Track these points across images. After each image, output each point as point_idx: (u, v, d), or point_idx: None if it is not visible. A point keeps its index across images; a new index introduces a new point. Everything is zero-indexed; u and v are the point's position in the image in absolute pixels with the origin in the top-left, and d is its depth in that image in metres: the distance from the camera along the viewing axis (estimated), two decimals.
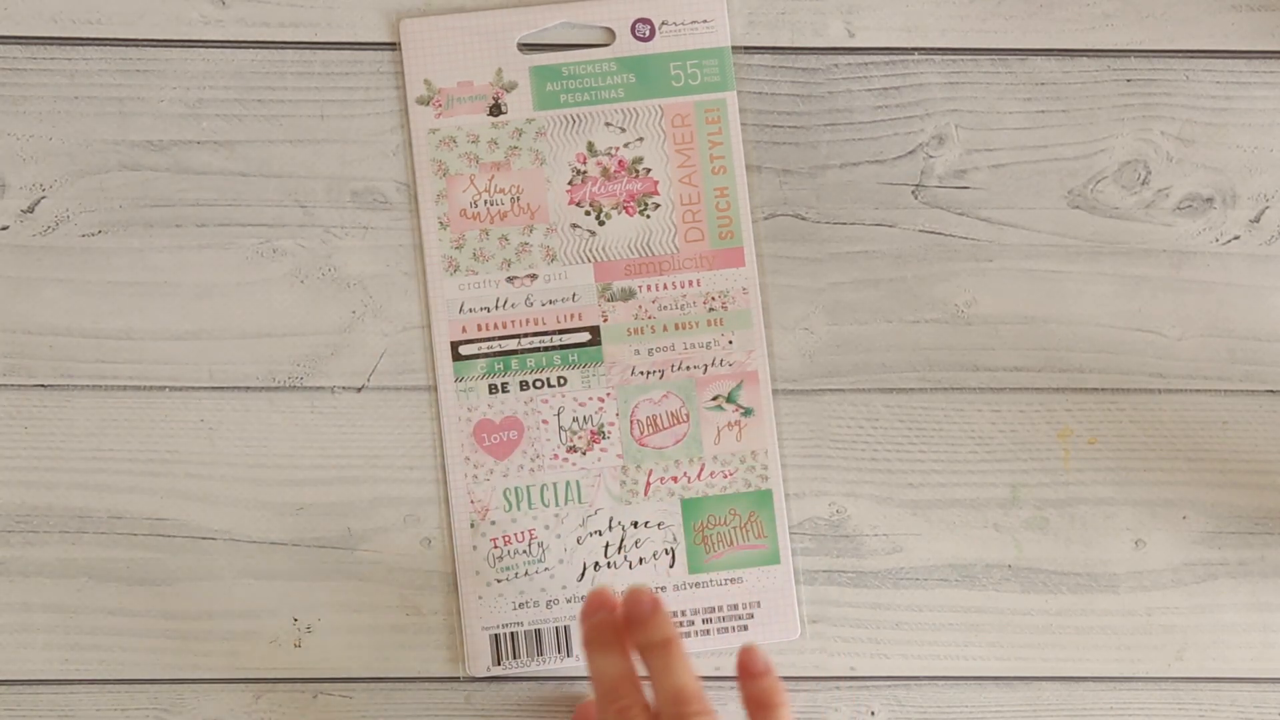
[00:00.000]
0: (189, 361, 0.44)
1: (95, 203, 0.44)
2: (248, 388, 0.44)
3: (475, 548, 0.42)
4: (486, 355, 0.42)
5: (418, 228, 0.43)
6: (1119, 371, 0.45)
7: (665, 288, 0.43)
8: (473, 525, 0.42)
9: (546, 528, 0.42)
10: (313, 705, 0.44)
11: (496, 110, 0.42)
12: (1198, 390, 0.45)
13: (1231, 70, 0.45)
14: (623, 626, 0.37)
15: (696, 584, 0.43)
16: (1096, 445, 0.45)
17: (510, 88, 0.42)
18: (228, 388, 0.44)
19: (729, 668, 0.44)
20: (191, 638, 0.44)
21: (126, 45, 0.44)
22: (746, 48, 0.45)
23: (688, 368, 0.43)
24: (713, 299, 0.43)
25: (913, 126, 0.45)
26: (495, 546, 0.42)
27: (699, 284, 0.43)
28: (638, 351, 0.43)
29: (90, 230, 0.44)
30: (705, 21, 0.43)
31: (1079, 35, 0.45)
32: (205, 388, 0.44)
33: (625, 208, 0.43)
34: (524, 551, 0.42)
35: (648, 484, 0.42)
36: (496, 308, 0.42)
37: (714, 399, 0.43)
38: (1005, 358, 0.45)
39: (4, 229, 0.44)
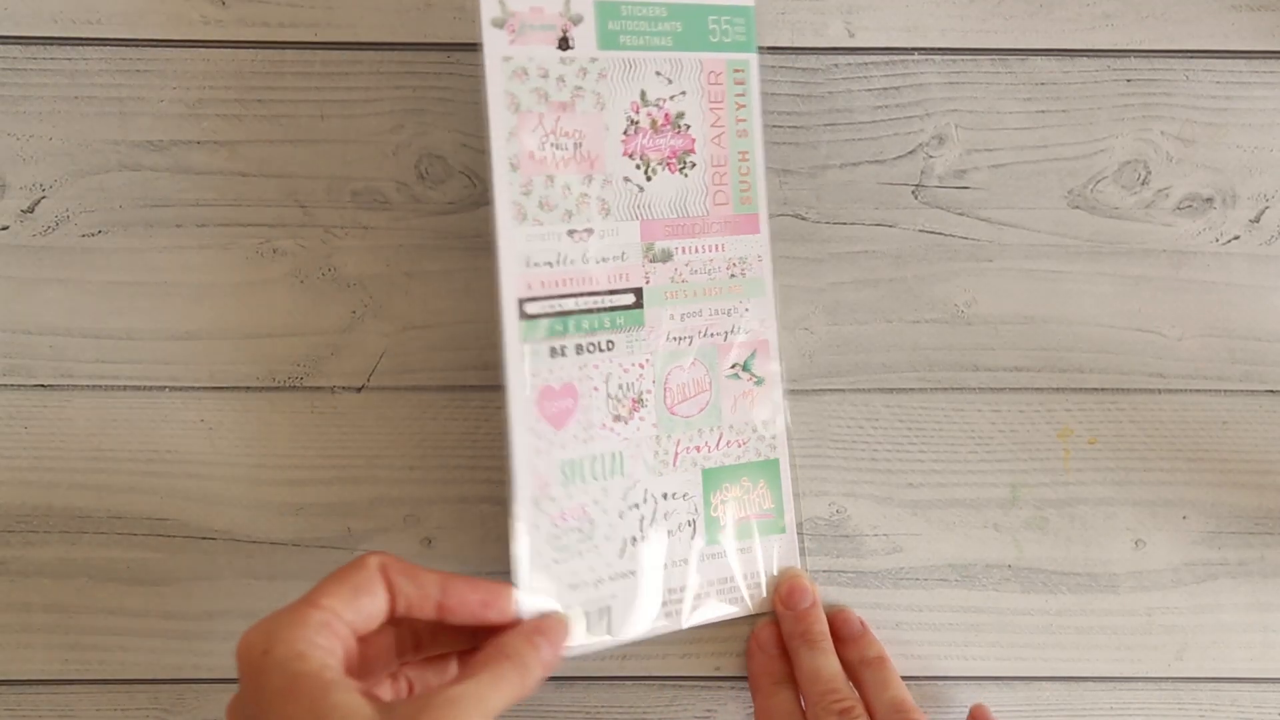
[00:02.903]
0: (189, 361, 0.44)
1: (95, 203, 0.44)
2: (248, 388, 0.44)
3: (538, 527, 0.39)
4: (549, 315, 0.40)
5: (487, 166, 0.40)
6: (1119, 371, 0.45)
7: (697, 250, 0.42)
8: (535, 503, 0.39)
9: (596, 502, 0.40)
10: None
11: (565, 44, 0.40)
12: (1198, 390, 0.45)
13: (1231, 70, 0.45)
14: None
15: (713, 555, 0.42)
16: (1096, 445, 0.45)
17: (577, 21, 0.40)
18: (228, 388, 0.44)
19: (729, 667, 0.45)
20: (191, 638, 0.44)
21: (126, 45, 0.44)
22: None
23: (711, 334, 0.42)
24: (734, 265, 0.42)
25: (913, 126, 0.45)
26: (555, 525, 0.39)
27: (723, 249, 0.42)
28: (673, 316, 0.42)
29: (90, 230, 0.44)
30: None
31: (1079, 35, 0.45)
32: (205, 388, 0.44)
33: (669, 164, 0.42)
34: (578, 529, 0.40)
35: (676, 454, 0.42)
36: (558, 263, 0.40)
37: (732, 367, 0.43)
38: (1005, 358, 0.45)
39: (4, 229, 0.44)
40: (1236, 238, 0.45)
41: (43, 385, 0.44)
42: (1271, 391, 0.45)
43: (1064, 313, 0.45)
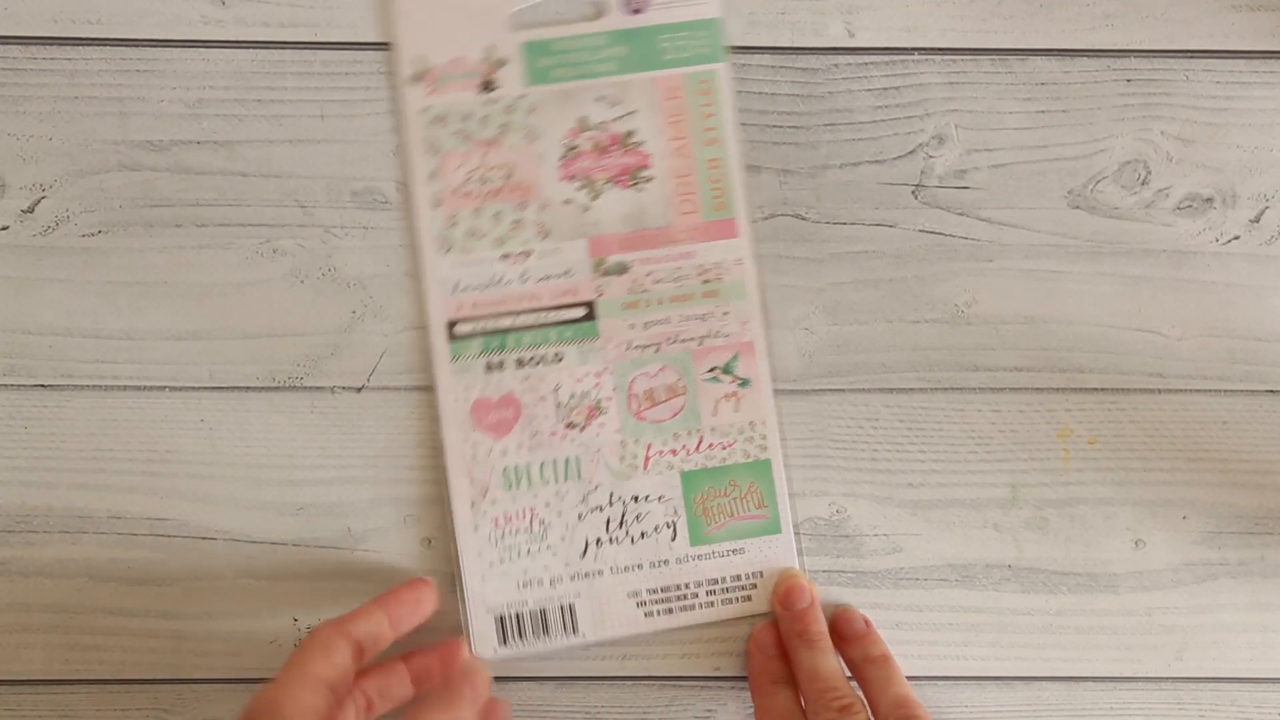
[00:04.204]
0: (189, 361, 0.44)
1: (95, 203, 0.44)
2: (248, 388, 0.44)
3: (477, 528, 0.42)
4: (482, 334, 0.42)
5: (409, 207, 0.43)
6: (1119, 371, 0.45)
7: (659, 261, 0.43)
8: (473, 505, 0.42)
9: (547, 505, 0.42)
10: None
11: (488, 87, 0.42)
12: (1198, 390, 0.45)
13: (1231, 70, 0.45)
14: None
15: (699, 556, 0.43)
16: (1096, 445, 0.45)
17: (501, 64, 0.42)
18: (228, 388, 0.44)
19: (729, 667, 0.45)
20: (191, 638, 0.44)
21: (126, 45, 0.44)
22: (746, 48, 0.45)
23: (684, 340, 0.43)
24: (707, 270, 0.43)
25: (913, 126, 0.45)
26: (496, 526, 0.42)
27: (693, 256, 0.43)
28: (633, 326, 0.42)
29: (90, 230, 0.44)
30: None
31: (1079, 35, 0.45)
32: (205, 388, 0.44)
33: (618, 181, 0.43)
34: (525, 530, 0.42)
35: (647, 457, 0.42)
36: (491, 285, 0.42)
37: (710, 371, 0.43)
38: (1005, 358, 0.45)
39: (4, 229, 0.44)
40: (1236, 238, 0.45)
41: (43, 385, 0.44)
42: (1271, 391, 0.45)
43: (1064, 313, 0.45)
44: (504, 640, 0.42)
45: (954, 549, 0.45)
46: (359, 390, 0.44)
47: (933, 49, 0.45)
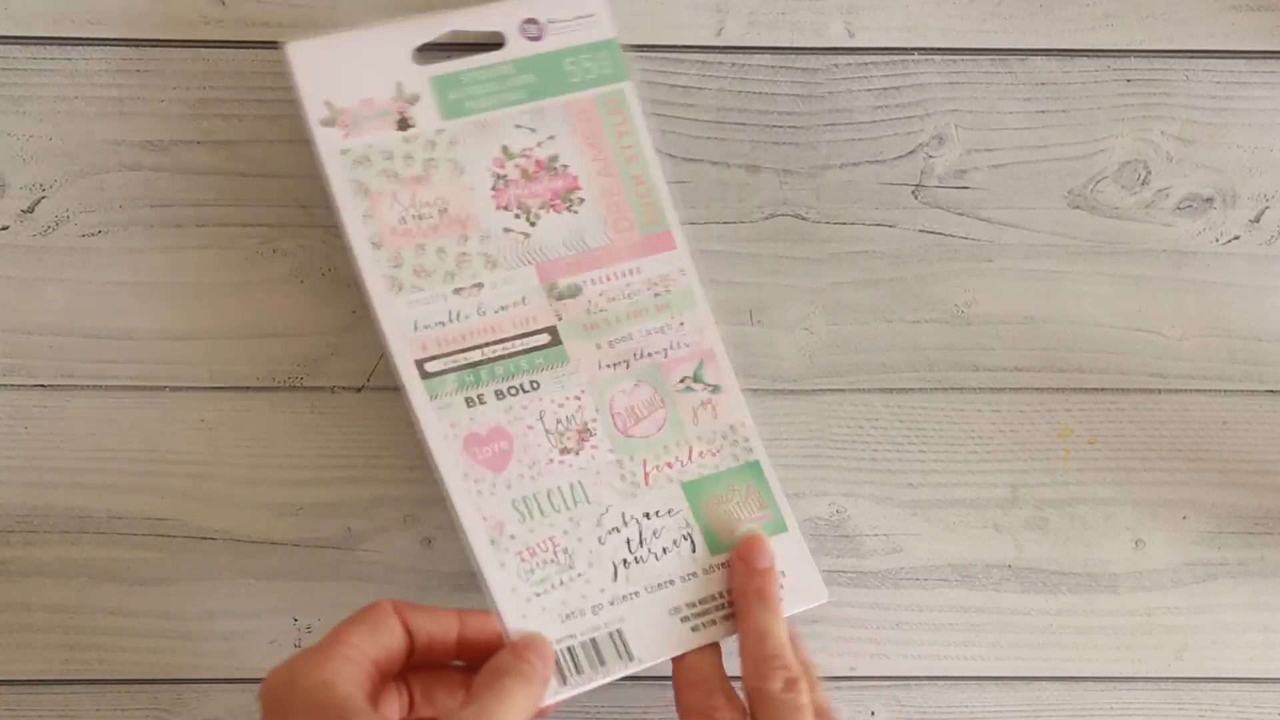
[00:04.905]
0: (189, 361, 0.44)
1: (95, 203, 0.44)
2: (248, 388, 0.44)
3: (504, 565, 0.40)
4: (454, 369, 0.41)
5: (349, 252, 0.41)
6: (1119, 371, 0.45)
7: (608, 279, 0.42)
8: (493, 542, 0.40)
9: (565, 533, 0.41)
10: None
11: (404, 124, 0.41)
12: (1198, 390, 0.45)
13: (1231, 70, 0.45)
14: None
15: (723, 564, 0.42)
16: (1096, 445, 0.45)
17: (413, 100, 0.41)
18: (228, 388, 0.44)
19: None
20: (191, 638, 0.44)
21: (126, 45, 0.44)
22: (746, 48, 0.45)
23: (650, 354, 0.43)
24: (655, 284, 0.43)
25: (913, 126, 0.45)
26: (523, 561, 0.40)
27: (639, 271, 0.43)
28: (599, 346, 0.42)
29: (90, 230, 0.44)
30: (588, 16, 0.43)
31: (1079, 35, 0.45)
32: (205, 388, 0.44)
33: (552, 206, 0.42)
34: (552, 560, 0.40)
35: (646, 473, 0.42)
36: (451, 321, 0.41)
37: (682, 381, 0.43)
38: (1005, 358, 0.45)
39: (4, 229, 0.44)
40: (1236, 238, 0.45)
41: (43, 385, 0.44)
42: (1271, 391, 0.45)
43: (1064, 313, 0.45)
44: (564, 680, 0.39)
45: (954, 549, 0.45)
46: (359, 390, 0.44)
47: (933, 49, 0.45)
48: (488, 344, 0.41)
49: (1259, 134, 0.45)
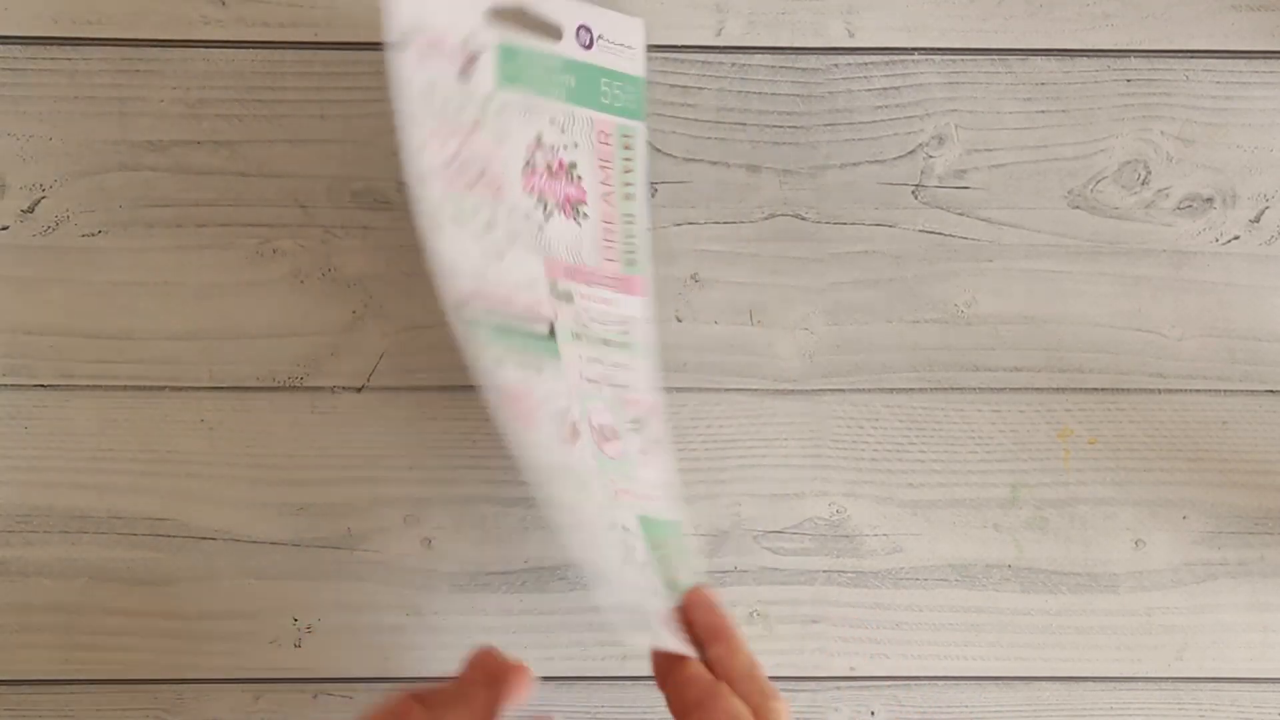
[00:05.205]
0: (189, 361, 0.44)
1: (95, 203, 0.44)
2: (248, 388, 0.44)
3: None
4: (484, 323, 0.38)
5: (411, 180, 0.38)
6: (1119, 371, 0.45)
7: (591, 300, 0.42)
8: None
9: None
10: (313, 705, 0.44)
11: (466, 74, 0.41)
12: (1198, 390, 0.45)
13: (1231, 70, 0.45)
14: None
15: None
16: (1096, 445, 0.45)
17: (477, 55, 0.41)
18: (228, 388, 0.44)
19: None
20: (191, 638, 0.44)
21: (126, 45, 0.44)
22: (746, 48, 0.45)
23: (614, 384, 0.42)
24: (624, 323, 0.43)
25: (913, 126, 0.45)
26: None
27: (613, 304, 0.43)
28: (582, 357, 0.41)
29: (90, 230, 0.44)
30: (629, 48, 0.43)
31: (1079, 35, 0.45)
32: (205, 388, 0.44)
33: (564, 209, 0.42)
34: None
35: (616, 491, 0.40)
36: (478, 276, 0.39)
37: (633, 421, 0.42)
38: (1005, 358, 0.45)
39: (4, 229, 0.44)
40: (1236, 238, 0.45)
41: (43, 385, 0.44)
42: (1271, 391, 0.45)
43: (1064, 313, 0.45)
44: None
45: (954, 549, 0.45)
46: (359, 390, 0.44)
47: (933, 49, 0.45)
48: (509, 312, 0.39)
49: (1259, 134, 0.45)
